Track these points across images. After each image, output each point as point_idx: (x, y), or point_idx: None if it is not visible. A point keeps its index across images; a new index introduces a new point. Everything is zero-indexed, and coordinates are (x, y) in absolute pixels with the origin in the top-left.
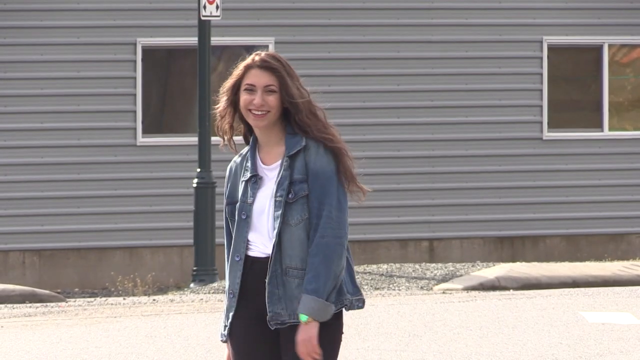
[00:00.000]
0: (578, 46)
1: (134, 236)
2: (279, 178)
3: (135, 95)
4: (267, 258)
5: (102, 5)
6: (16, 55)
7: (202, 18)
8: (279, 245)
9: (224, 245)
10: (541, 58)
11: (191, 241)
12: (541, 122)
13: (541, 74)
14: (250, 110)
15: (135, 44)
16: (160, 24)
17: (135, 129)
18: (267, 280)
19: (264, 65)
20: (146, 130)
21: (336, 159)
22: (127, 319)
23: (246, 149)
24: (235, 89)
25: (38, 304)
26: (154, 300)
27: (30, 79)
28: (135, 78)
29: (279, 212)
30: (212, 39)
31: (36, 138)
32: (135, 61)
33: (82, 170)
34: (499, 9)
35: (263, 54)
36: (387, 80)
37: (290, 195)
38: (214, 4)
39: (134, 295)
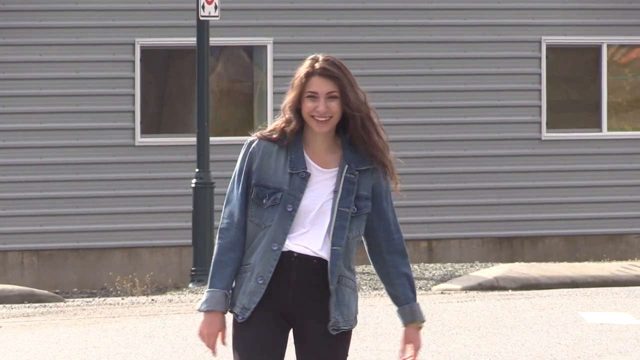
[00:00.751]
0: (577, 46)
1: (133, 236)
2: (342, 189)
3: (134, 95)
4: (314, 258)
5: (101, 5)
6: (15, 56)
7: (201, 18)
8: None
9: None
10: (540, 58)
11: (190, 241)
12: (540, 123)
13: (540, 74)
14: (313, 116)
15: (133, 44)
16: (158, 24)
17: (133, 129)
18: (332, 288)
19: (325, 74)
20: (145, 131)
21: (392, 179)
22: (125, 319)
23: (276, 134)
24: (299, 97)
25: (37, 304)
26: (152, 300)
27: (29, 79)
28: (133, 78)
29: (346, 224)
30: (210, 39)
31: (35, 138)
32: (133, 61)
33: (81, 171)
34: (497, 9)
35: (321, 59)
36: (386, 81)
37: (354, 210)
38: (213, 4)
39: (132, 295)
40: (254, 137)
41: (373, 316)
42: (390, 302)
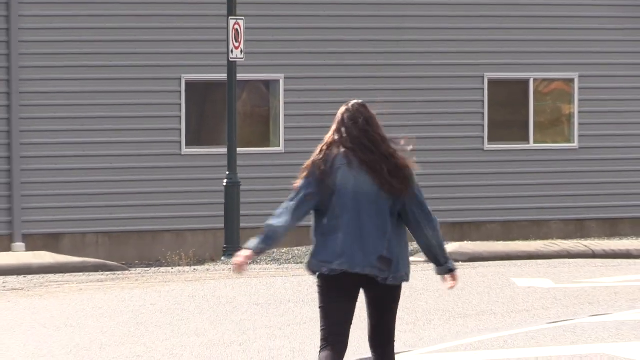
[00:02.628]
0: (511, 80)
1: (180, 222)
2: None
3: (180, 117)
4: None
5: (154, 50)
6: (94, 87)
7: (230, 60)
8: None
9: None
10: (483, 89)
11: (222, 225)
12: (483, 137)
13: (483, 101)
14: None
15: (180, 79)
16: (198, 64)
17: (180, 142)
18: None
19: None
20: (188, 143)
21: None
22: (174, 284)
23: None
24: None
25: (108, 273)
26: (194, 269)
27: (107, 104)
28: (180, 104)
29: None
30: (237, 75)
31: (109, 149)
32: (180, 92)
33: (142, 173)
34: (452, 53)
35: (351, 107)
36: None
37: None
38: (239, 49)
39: (179, 266)
40: None
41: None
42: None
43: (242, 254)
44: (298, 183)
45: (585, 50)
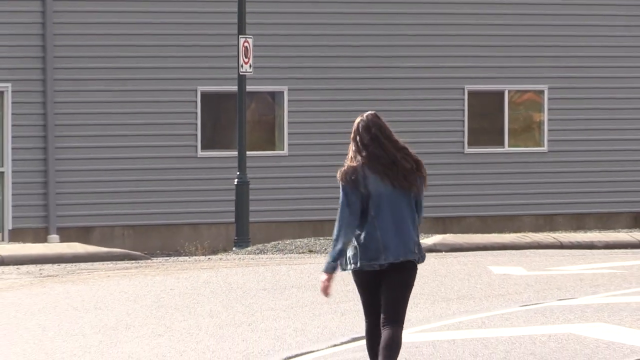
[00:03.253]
0: (488, 91)
1: (196, 217)
2: None
3: (196, 124)
4: None
5: (172, 64)
6: (120, 97)
7: (240, 73)
8: None
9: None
10: (463, 99)
11: (233, 220)
12: (463, 142)
13: (463, 110)
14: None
15: (196, 91)
16: (212, 77)
17: (196, 146)
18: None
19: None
20: (203, 147)
21: None
22: (191, 271)
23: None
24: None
25: (132, 261)
26: (209, 258)
27: (131, 112)
28: (196, 112)
29: None
30: (247, 87)
31: (133, 152)
32: (196, 102)
33: (162, 174)
34: (436, 67)
35: (365, 117)
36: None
37: None
38: (248, 64)
39: (195, 255)
40: None
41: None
42: None
43: (323, 279)
44: (341, 195)
45: (553, 65)
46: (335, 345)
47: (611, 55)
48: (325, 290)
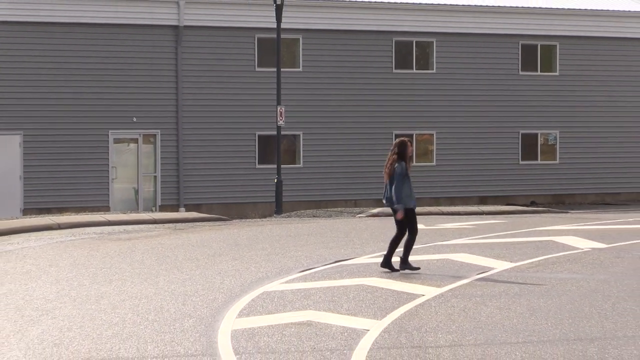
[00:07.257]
0: (417, 134)
1: (256, 198)
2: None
3: (255, 151)
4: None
5: (242, 116)
6: (222, 133)
7: (278, 125)
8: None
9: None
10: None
11: (274, 200)
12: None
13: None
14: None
15: (255, 134)
16: (264, 126)
17: (255, 161)
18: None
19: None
20: (259, 162)
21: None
22: (252, 227)
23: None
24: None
25: (221, 222)
26: (261, 220)
27: (227, 140)
28: (255, 145)
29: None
30: (281, 132)
31: (229, 164)
32: (255, 139)
33: (240, 176)
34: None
35: (397, 140)
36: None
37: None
38: (282, 120)
39: (254, 219)
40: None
41: (332, 225)
42: (341, 221)
43: (401, 211)
44: (394, 170)
45: (441, 113)
46: (324, 265)
47: None
48: (400, 215)
